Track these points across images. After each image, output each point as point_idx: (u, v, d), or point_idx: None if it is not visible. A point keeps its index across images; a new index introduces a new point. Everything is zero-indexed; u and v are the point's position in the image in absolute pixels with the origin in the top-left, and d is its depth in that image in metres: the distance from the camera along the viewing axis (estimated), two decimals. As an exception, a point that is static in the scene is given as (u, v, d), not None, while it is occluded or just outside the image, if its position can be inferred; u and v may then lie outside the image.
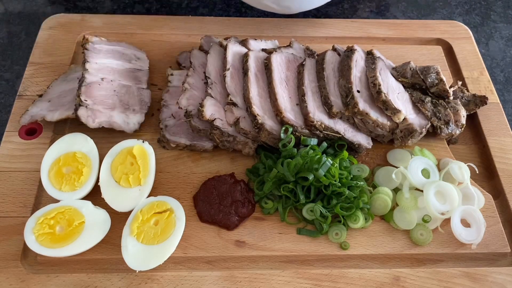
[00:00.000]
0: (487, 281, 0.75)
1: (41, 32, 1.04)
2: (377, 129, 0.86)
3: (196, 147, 0.86)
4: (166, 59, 1.01)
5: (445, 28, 1.11)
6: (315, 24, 1.10)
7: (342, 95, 0.87)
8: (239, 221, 0.78)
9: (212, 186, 0.81)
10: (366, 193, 0.81)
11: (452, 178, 0.84)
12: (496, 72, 1.10)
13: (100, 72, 0.90)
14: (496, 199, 0.85)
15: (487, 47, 1.15)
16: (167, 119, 0.89)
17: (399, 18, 1.19)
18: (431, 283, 0.74)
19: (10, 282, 0.71)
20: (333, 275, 0.74)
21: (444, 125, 0.88)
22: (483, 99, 0.94)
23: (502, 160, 0.89)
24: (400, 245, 0.78)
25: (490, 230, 0.80)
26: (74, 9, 1.16)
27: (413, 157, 0.85)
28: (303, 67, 0.90)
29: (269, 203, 0.80)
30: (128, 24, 1.06)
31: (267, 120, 0.83)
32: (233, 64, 0.90)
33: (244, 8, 1.18)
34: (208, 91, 0.87)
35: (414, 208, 0.80)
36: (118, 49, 0.96)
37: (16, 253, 0.74)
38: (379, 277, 0.74)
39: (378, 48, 0.99)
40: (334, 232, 0.78)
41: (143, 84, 0.94)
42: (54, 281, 0.71)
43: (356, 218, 0.78)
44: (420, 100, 0.89)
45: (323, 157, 0.79)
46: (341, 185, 0.79)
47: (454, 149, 0.91)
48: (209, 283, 0.72)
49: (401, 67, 0.93)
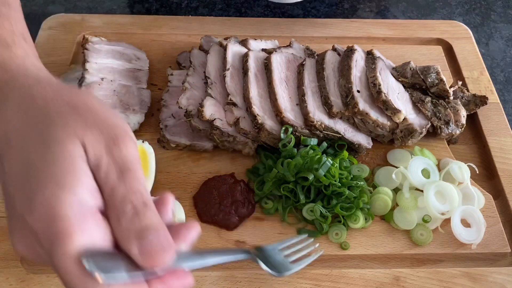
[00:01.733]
0: (487, 281, 0.75)
1: (41, 32, 1.04)
2: (377, 129, 0.86)
3: (196, 147, 0.86)
4: (166, 59, 1.01)
5: (445, 28, 1.11)
6: (315, 24, 1.10)
7: (342, 95, 0.87)
8: (239, 221, 0.78)
9: (212, 186, 0.81)
10: (366, 193, 0.80)
11: (452, 178, 0.84)
12: (496, 72, 1.10)
13: (100, 72, 0.90)
14: (496, 199, 0.85)
15: (487, 47, 1.15)
16: (167, 119, 0.89)
17: (399, 18, 1.19)
18: (431, 283, 0.74)
19: (10, 282, 0.71)
20: (333, 275, 0.74)
21: (444, 125, 0.88)
22: (483, 99, 0.94)
23: (502, 160, 0.89)
24: (400, 245, 0.78)
25: (490, 230, 0.80)
26: (74, 9, 1.16)
27: (413, 157, 0.85)
28: (303, 67, 0.90)
29: (269, 203, 0.80)
30: (128, 24, 1.06)
31: (267, 120, 0.83)
32: (233, 64, 0.90)
33: (244, 8, 1.18)
34: (208, 91, 0.87)
35: (414, 208, 0.80)
36: (118, 49, 0.96)
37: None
38: (379, 277, 0.74)
39: (378, 48, 0.99)
40: (334, 232, 0.78)
41: (143, 84, 0.94)
42: (54, 281, 0.71)
43: (356, 218, 0.78)
44: (420, 100, 0.89)
45: (323, 157, 0.79)
46: (341, 185, 0.79)
47: (454, 149, 0.91)
48: (209, 283, 0.72)
49: (401, 67, 0.93)
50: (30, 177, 0.41)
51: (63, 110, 0.44)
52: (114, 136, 0.43)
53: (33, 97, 0.45)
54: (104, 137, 0.43)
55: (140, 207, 0.41)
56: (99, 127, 0.43)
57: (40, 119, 0.44)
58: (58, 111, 0.44)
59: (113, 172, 0.42)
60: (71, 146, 0.41)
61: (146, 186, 0.44)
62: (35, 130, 0.43)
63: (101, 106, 0.46)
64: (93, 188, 0.42)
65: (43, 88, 0.46)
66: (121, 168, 0.42)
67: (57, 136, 0.42)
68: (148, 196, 0.43)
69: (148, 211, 0.42)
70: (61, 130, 0.42)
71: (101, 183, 0.42)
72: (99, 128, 0.43)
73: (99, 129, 0.43)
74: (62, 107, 0.44)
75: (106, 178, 0.42)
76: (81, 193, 0.40)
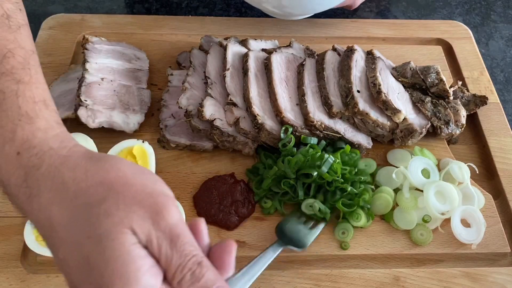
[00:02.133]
0: (487, 281, 0.75)
1: (40, 32, 1.03)
2: (377, 129, 0.86)
3: (196, 147, 0.86)
4: (166, 59, 1.01)
5: (445, 28, 1.11)
6: (315, 24, 1.10)
7: (342, 95, 0.87)
8: (239, 221, 0.78)
9: (212, 186, 0.81)
10: (368, 192, 0.80)
11: (452, 178, 0.84)
12: (496, 72, 1.10)
13: (100, 72, 0.90)
14: (496, 199, 0.85)
15: (487, 47, 1.15)
16: (167, 119, 0.89)
17: (399, 18, 1.19)
18: (431, 283, 0.74)
19: (10, 282, 0.71)
20: (333, 275, 0.74)
21: (444, 125, 0.88)
22: (483, 99, 0.94)
23: (502, 160, 0.89)
24: (400, 245, 0.78)
25: (490, 230, 0.80)
26: (74, 9, 1.16)
27: (413, 157, 0.85)
28: (303, 67, 0.90)
29: (269, 203, 0.80)
30: (128, 24, 1.06)
31: (267, 120, 0.83)
32: (233, 64, 0.90)
33: (244, 8, 1.18)
34: (208, 91, 0.87)
35: (414, 208, 0.80)
36: (118, 49, 0.96)
37: (16, 253, 0.74)
38: (379, 277, 0.74)
39: (378, 48, 0.99)
40: (340, 231, 0.78)
41: (143, 84, 0.94)
42: (54, 281, 0.71)
43: (358, 216, 0.78)
44: (420, 100, 0.89)
45: (325, 154, 0.79)
46: (344, 181, 0.79)
47: (454, 149, 0.91)
48: (209, 283, 0.72)
49: (401, 67, 0.93)
50: (92, 273, 0.43)
51: (99, 193, 0.45)
52: (157, 209, 0.45)
53: (65, 183, 0.46)
54: (148, 214, 0.44)
55: (196, 269, 0.44)
56: (141, 204, 0.45)
57: (81, 211, 0.45)
58: (96, 199, 0.45)
59: (164, 243, 0.44)
60: (123, 238, 0.43)
61: (195, 244, 0.46)
62: (81, 223, 0.44)
63: (134, 175, 0.47)
64: (152, 266, 0.44)
65: (71, 170, 0.47)
66: (170, 237, 0.44)
67: (106, 230, 0.43)
68: (200, 254, 0.46)
69: (203, 269, 0.45)
70: (107, 221, 0.43)
71: (156, 256, 0.45)
72: (141, 205, 0.45)
73: (142, 206, 0.45)
74: (98, 190, 0.45)
75: (159, 251, 0.44)
76: (145, 281, 0.43)
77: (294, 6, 0.89)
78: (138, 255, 0.43)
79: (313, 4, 0.86)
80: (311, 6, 0.86)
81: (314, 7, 0.87)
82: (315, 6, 0.87)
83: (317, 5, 0.87)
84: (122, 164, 0.48)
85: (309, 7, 0.86)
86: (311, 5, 0.86)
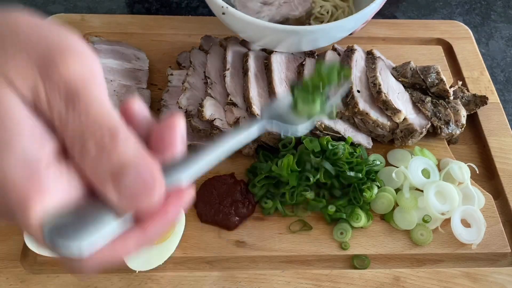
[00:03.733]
0: (487, 281, 0.75)
1: (41, 32, 1.03)
2: (377, 129, 0.86)
3: (196, 147, 0.86)
4: (166, 59, 1.01)
5: (445, 28, 1.11)
6: (315, 24, 1.10)
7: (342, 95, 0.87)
8: (239, 221, 0.78)
9: (212, 186, 0.81)
10: (370, 190, 0.79)
11: (452, 178, 0.84)
12: (496, 72, 1.10)
13: (100, 72, 0.89)
14: (496, 199, 0.85)
15: (487, 47, 1.15)
16: (167, 119, 0.88)
17: (399, 18, 1.19)
18: (431, 283, 0.74)
19: (10, 282, 0.71)
20: (333, 275, 0.74)
21: (444, 125, 0.88)
22: (483, 99, 0.94)
23: (503, 160, 0.89)
24: (400, 245, 0.78)
25: (490, 230, 0.80)
26: (74, 9, 1.16)
27: (413, 157, 0.85)
28: (303, 67, 0.90)
29: (269, 203, 0.80)
30: (128, 24, 1.06)
31: (267, 120, 0.83)
32: (233, 64, 0.90)
33: (244, 8, 1.18)
34: (208, 91, 0.87)
35: (414, 208, 0.80)
36: (118, 49, 0.96)
37: (16, 253, 0.74)
38: (379, 277, 0.74)
39: (378, 48, 0.99)
40: (339, 232, 0.78)
41: (143, 84, 0.94)
42: (54, 281, 0.71)
43: (358, 217, 0.78)
44: (420, 100, 0.89)
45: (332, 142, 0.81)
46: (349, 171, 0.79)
47: (454, 149, 0.91)
48: (209, 283, 0.72)
49: (401, 67, 0.93)
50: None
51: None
52: (49, 56, 0.33)
53: None
54: (33, 60, 0.33)
55: (105, 141, 0.32)
56: (26, 50, 0.33)
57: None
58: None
59: (57, 99, 0.32)
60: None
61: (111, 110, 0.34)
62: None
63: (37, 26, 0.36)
64: (40, 133, 0.32)
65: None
66: (66, 94, 0.32)
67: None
68: (114, 122, 0.33)
69: (118, 143, 0.32)
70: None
71: (48, 117, 0.33)
72: (25, 52, 0.33)
73: (26, 53, 0.33)
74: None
75: (51, 111, 0.33)
76: (23, 149, 0.31)
77: (309, 47, 0.92)
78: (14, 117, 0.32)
79: (324, 42, 0.90)
80: (322, 43, 0.91)
81: (324, 43, 0.91)
82: (325, 43, 0.91)
83: (327, 42, 0.91)
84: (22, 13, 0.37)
85: (321, 44, 0.91)
86: (322, 43, 0.90)
